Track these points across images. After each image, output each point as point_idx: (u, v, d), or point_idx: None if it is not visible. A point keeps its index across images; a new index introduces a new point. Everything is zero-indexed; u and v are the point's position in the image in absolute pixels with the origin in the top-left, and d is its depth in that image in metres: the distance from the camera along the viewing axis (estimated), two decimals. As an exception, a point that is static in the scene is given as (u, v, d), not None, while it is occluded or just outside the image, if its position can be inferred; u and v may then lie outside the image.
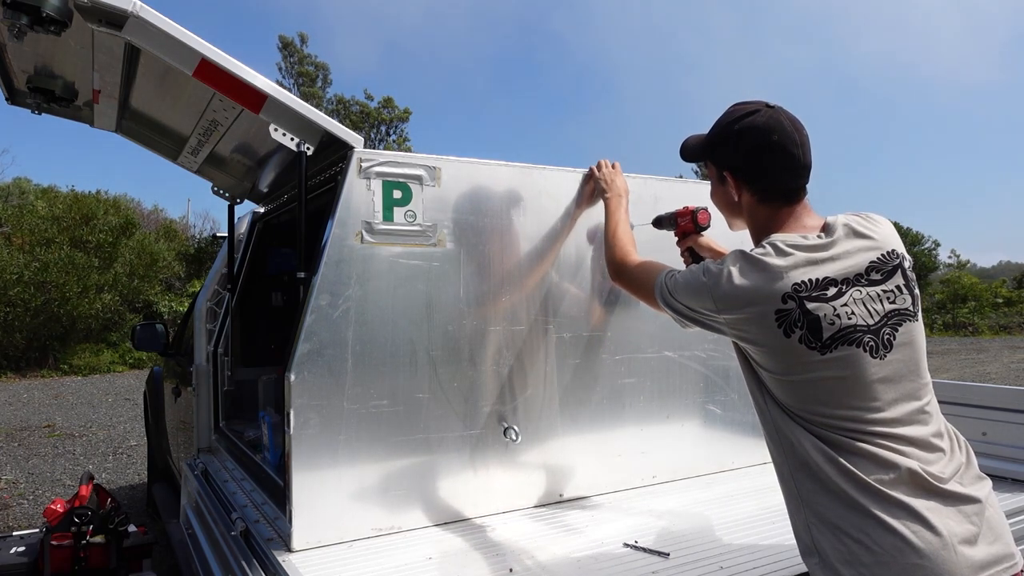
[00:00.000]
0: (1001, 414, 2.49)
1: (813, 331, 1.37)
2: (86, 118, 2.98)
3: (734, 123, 1.54)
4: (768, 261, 1.41)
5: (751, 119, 1.52)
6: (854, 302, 1.40)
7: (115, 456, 7.35)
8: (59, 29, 1.89)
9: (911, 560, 1.26)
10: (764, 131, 1.50)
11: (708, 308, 1.50)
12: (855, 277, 1.41)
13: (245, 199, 3.50)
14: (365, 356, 2.02)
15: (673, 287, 1.60)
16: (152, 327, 4.52)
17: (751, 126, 1.51)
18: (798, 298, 1.38)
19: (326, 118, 2.06)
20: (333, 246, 1.98)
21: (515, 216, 2.25)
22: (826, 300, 1.38)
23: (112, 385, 12.93)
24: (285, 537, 1.97)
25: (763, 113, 1.51)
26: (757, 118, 1.51)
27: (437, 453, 2.12)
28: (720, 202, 1.67)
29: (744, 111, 1.54)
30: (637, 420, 2.47)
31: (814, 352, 1.37)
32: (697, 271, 1.52)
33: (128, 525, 3.73)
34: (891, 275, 1.44)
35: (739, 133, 1.53)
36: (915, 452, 1.34)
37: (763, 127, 1.50)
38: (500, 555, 1.89)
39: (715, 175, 1.63)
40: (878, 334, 1.39)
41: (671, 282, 1.61)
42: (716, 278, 1.46)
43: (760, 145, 1.50)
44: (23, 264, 14.35)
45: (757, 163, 1.52)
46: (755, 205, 1.55)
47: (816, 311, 1.37)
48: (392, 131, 26.60)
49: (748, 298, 1.41)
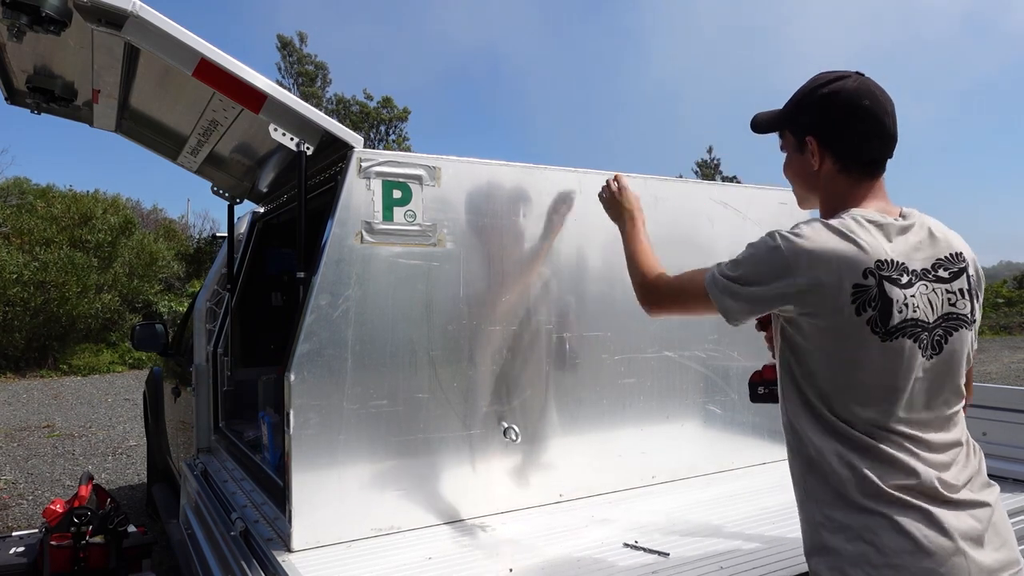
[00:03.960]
0: (1001, 414, 2.49)
1: (884, 314, 1.31)
2: (85, 118, 2.98)
3: (822, 87, 1.47)
4: (851, 232, 1.33)
5: (841, 83, 1.45)
6: (920, 295, 1.35)
7: (115, 456, 7.35)
8: (59, 29, 1.88)
9: (922, 564, 1.25)
10: (855, 95, 1.43)
11: (780, 275, 1.35)
12: (923, 271, 1.37)
13: (245, 199, 3.49)
14: (365, 356, 2.02)
15: (733, 267, 1.44)
16: (152, 327, 4.51)
17: (841, 90, 1.44)
18: (878, 276, 1.31)
19: (326, 118, 2.06)
20: (333, 246, 1.98)
21: (515, 216, 2.25)
22: (900, 286, 1.33)
23: (112, 385, 12.93)
24: (285, 537, 1.97)
25: (853, 79, 1.45)
26: (847, 83, 1.45)
27: (437, 453, 2.12)
28: (796, 174, 1.55)
29: (833, 76, 1.47)
30: (637, 420, 2.46)
31: (876, 337, 1.31)
32: (761, 241, 1.40)
33: (128, 525, 3.72)
34: (956, 277, 1.40)
35: (827, 96, 1.45)
36: (933, 458, 1.32)
37: (854, 91, 1.43)
38: (500, 555, 1.89)
39: (793, 144, 1.53)
40: (932, 334, 1.35)
41: (727, 266, 1.46)
42: (793, 241, 1.34)
43: (850, 109, 1.43)
44: (22, 264, 14.33)
45: (844, 128, 1.44)
46: (835, 175, 1.46)
47: (891, 294, 1.31)
48: (392, 131, 26.59)
49: (829, 265, 1.31)
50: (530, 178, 2.28)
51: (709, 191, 2.65)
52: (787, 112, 1.54)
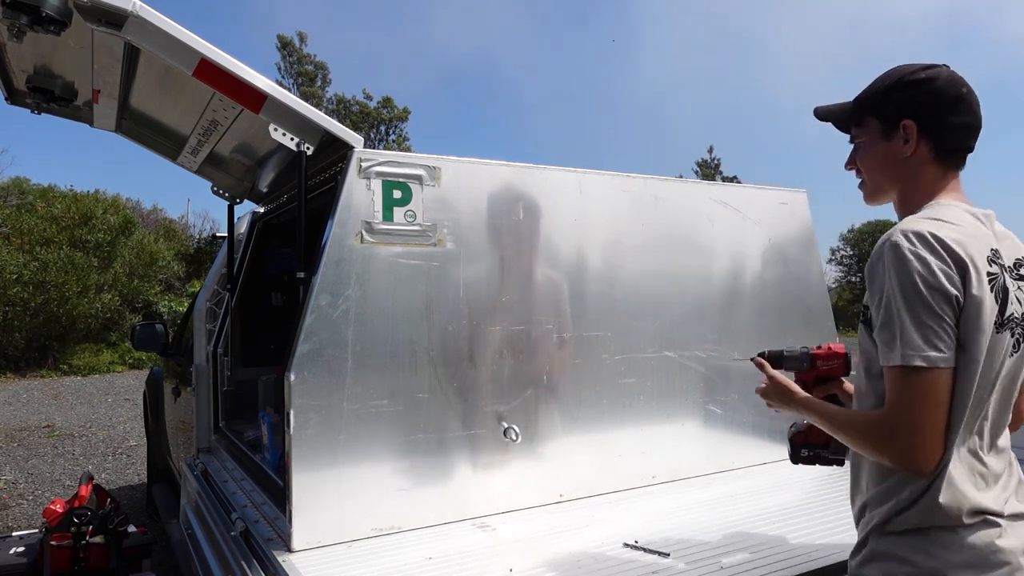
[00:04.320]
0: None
1: (1003, 304, 1.27)
2: (86, 118, 2.98)
3: (917, 72, 1.42)
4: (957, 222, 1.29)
5: (936, 71, 1.41)
6: (1016, 289, 1.31)
7: (115, 456, 7.35)
8: (59, 29, 1.88)
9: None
10: (956, 82, 1.40)
11: (951, 283, 1.22)
12: (1010, 267, 1.33)
13: (245, 199, 3.49)
14: (365, 356, 2.01)
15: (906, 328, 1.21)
16: (152, 327, 4.51)
17: (938, 76, 1.40)
18: (999, 263, 1.29)
19: (326, 118, 2.06)
20: (333, 246, 1.98)
21: (515, 216, 2.24)
22: (1011, 276, 1.30)
23: (112, 385, 12.92)
24: (285, 537, 1.97)
25: (946, 68, 1.42)
26: (943, 71, 1.41)
27: (437, 453, 2.12)
28: (879, 163, 1.44)
29: (923, 65, 1.43)
30: (637, 420, 2.46)
31: (994, 327, 1.26)
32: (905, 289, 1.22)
33: (128, 525, 3.72)
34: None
35: (928, 80, 1.39)
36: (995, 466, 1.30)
37: (953, 79, 1.40)
38: (500, 555, 1.89)
39: (879, 131, 1.43)
40: (1015, 331, 1.31)
41: (904, 332, 1.21)
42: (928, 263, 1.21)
43: (954, 94, 1.39)
44: (22, 264, 14.33)
45: (949, 112, 1.38)
46: (927, 163, 1.39)
47: (1008, 284, 1.29)
48: (392, 131, 26.59)
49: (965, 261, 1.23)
50: (530, 178, 2.28)
51: (709, 191, 2.65)
52: (873, 98, 1.46)
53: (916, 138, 1.39)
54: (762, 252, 2.71)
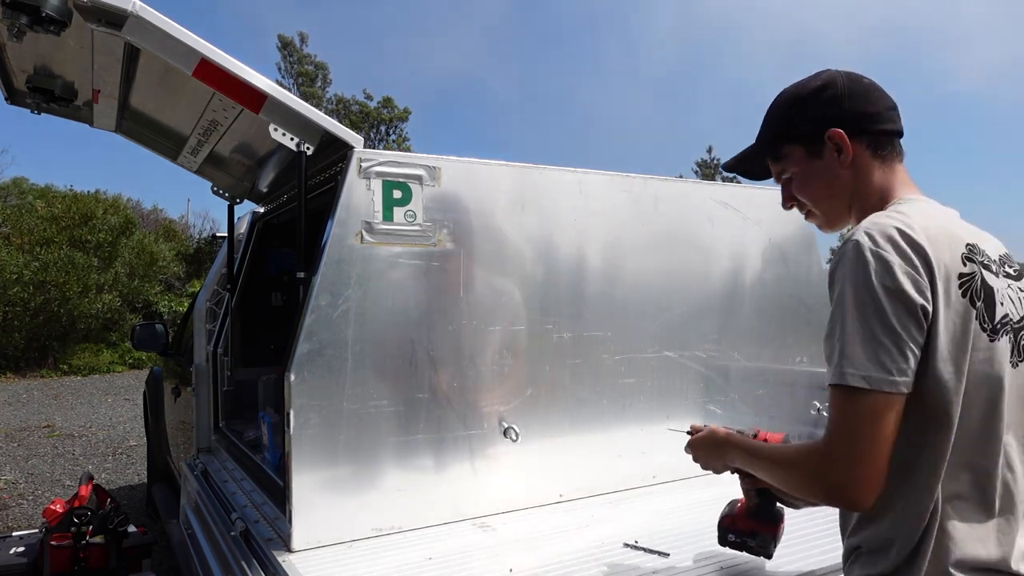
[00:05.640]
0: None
1: (988, 306, 1.12)
2: (85, 118, 2.98)
3: (811, 83, 1.32)
4: (927, 216, 1.16)
5: (828, 75, 1.31)
6: (1007, 287, 1.18)
7: (115, 456, 7.35)
8: (59, 29, 1.88)
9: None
10: (852, 76, 1.30)
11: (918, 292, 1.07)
12: (996, 260, 1.20)
13: (245, 199, 3.49)
14: (365, 356, 2.01)
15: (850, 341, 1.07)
16: (152, 327, 4.52)
17: (835, 77, 1.30)
18: (976, 260, 1.14)
19: (326, 118, 2.06)
20: (333, 246, 1.98)
21: (515, 216, 2.24)
22: (993, 274, 1.16)
23: (112, 385, 12.92)
24: (285, 537, 1.97)
25: (834, 70, 1.32)
26: (833, 73, 1.31)
27: (437, 453, 2.12)
28: (821, 185, 1.31)
29: (810, 77, 1.33)
30: (637, 420, 2.46)
31: (984, 334, 1.11)
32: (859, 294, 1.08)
33: (128, 525, 3.72)
34: (1021, 275, 1.24)
35: (828, 84, 1.29)
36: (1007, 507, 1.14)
37: (848, 74, 1.30)
38: (500, 555, 1.89)
39: (804, 154, 1.31)
40: (1018, 336, 1.17)
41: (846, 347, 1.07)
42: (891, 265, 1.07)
43: (859, 87, 1.29)
44: (22, 264, 14.33)
45: (864, 103, 1.27)
46: (870, 161, 1.27)
47: (991, 283, 1.14)
48: (392, 131, 26.59)
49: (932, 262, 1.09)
50: (530, 178, 2.28)
51: (709, 191, 2.65)
52: (784, 126, 1.34)
53: (847, 143, 1.27)
54: (762, 252, 2.71)
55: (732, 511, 1.71)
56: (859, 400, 1.05)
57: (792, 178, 1.35)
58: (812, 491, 1.15)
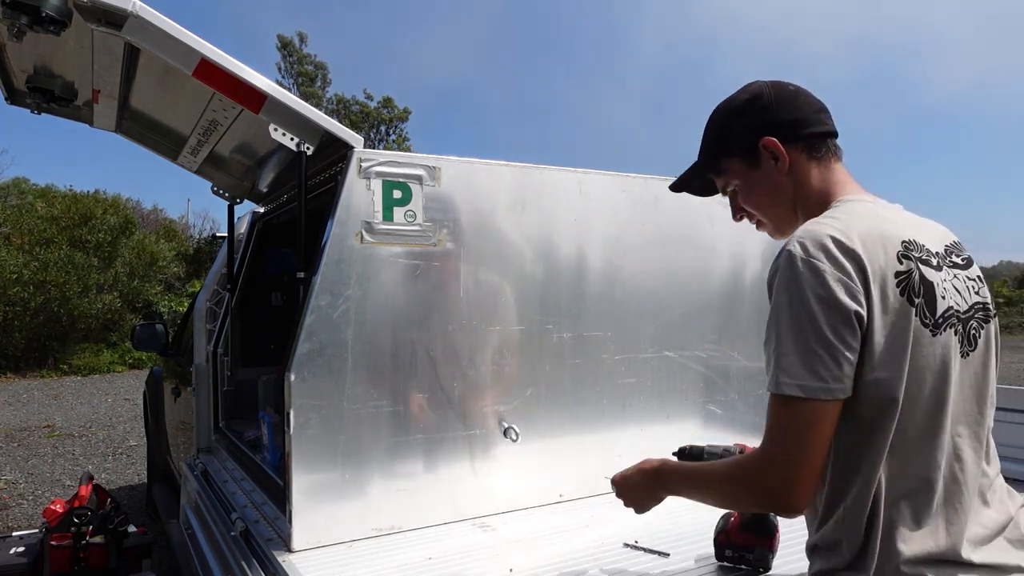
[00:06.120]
0: (1001, 414, 2.49)
1: (929, 302, 1.13)
2: (85, 118, 2.98)
3: (739, 97, 1.35)
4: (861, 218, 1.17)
5: (755, 85, 1.34)
6: (952, 279, 1.19)
7: (115, 456, 7.35)
8: (59, 29, 1.88)
9: None
10: (777, 84, 1.33)
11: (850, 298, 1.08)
12: (940, 255, 1.21)
13: (245, 199, 3.49)
14: (365, 356, 2.01)
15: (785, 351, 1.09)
16: (152, 327, 4.51)
17: (761, 88, 1.33)
18: (913, 257, 1.14)
19: (326, 118, 2.06)
20: (333, 246, 1.98)
21: (515, 216, 2.24)
22: (934, 267, 1.16)
23: (112, 385, 12.92)
24: (285, 537, 1.97)
25: (759, 81, 1.36)
26: (759, 83, 1.34)
27: (437, 453, 2.12)
28: (763, 193, 1.34)
29: (739, 91, 1.36)
30: (637, 420, 2.46)
31: (927, 330, 1.12)
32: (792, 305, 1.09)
33: (128, 525, 3.72)
34: (970, 264, 1.26)
35: (756, 95, 1.32)
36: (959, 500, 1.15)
37: (773, 82, 1.34)
38: (500, 555, 1.89)
39: (744, 165, 1.34)
40: (967, 326, 1.18)
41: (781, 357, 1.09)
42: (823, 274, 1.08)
43: (785, 94, 1.32)
44: (22, 264, 14.33)
45: (792, 109, 1.30)
46: (806, 164, 1.29)
47: (930, 277, 1.14)
48: (392, 131, 26.59)
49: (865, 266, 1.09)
50: (530, 178, 2.28)
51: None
52: (720, 140, 1.38)
53: (782, 149, 1.29)
54: (762, 252, 2.71)
55: (726, 526, 1.72)
56: (794, 408, 1.08)
57: (736, 190, 1.39)
58: (749, 497, 1.20)
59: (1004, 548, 1.17)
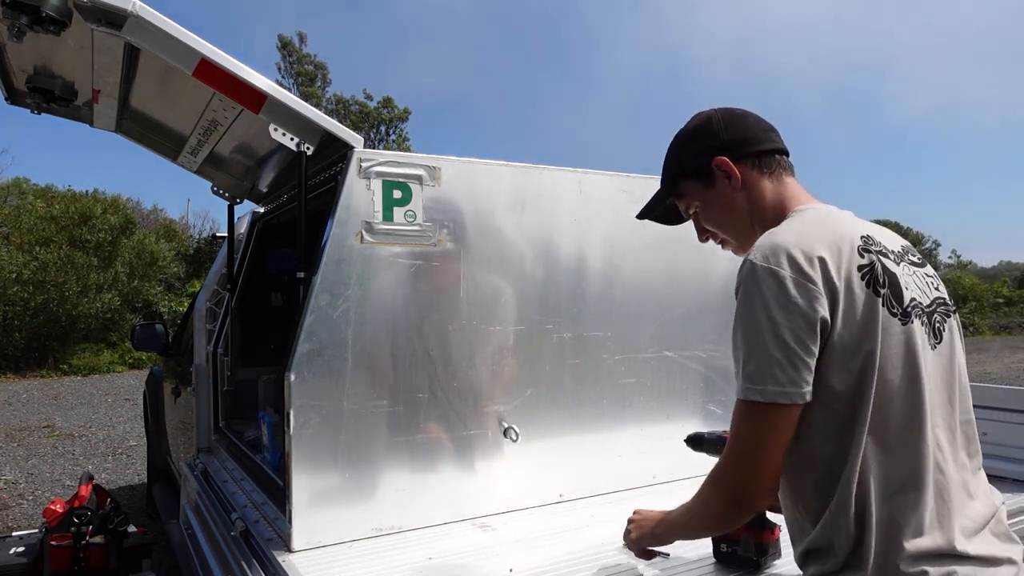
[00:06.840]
0: (1001, 414, 2.49)
1: (895, 291, 1.16)
2: (85, 118, 2.98)
3: (690, 124, 1.45)
4: (817, 223, 1.22)
5: (704, 113, 1.44)
6: (911, 274, 1.23)
7: (115, 456, 7.35)
8: (59, 29, 1.88)
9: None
10: (726, 109, 1.43)
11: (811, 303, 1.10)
12: (897, 253, 1.25)
13: (245, 199, 3.49)
14: (365, 356, 2.01)
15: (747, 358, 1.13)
16: (152, 327, 4.51)
17: (709, 114, 1.43)
18: (873, 251, 1.19)
19: (326, 118, 2.06)
20: (333, 246, 1.98)
21: (515, 216, 2.24)
22: (893, 262, 1.21)
23: (112, 385, 12.92)
24: (285, 537, 1.97)
25: (709, 109, 1.45)
26: (709, 110, 1.44)
27: (437, 453, 2.12)
28: (721, 211, 1.42)
29: (692, 117, 1.46)
30: (637, 420, 2.47)
31: (895, 319, 1.14)
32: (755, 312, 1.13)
33: (128, 525, 3.72)
34: (925, 264, 1.30)
35: (706, 120, 1.41)
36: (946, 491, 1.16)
37: (721, 108, 1.43)
38: (500, 555, 1.89)
39: (700, 186, 1.42)
40: (931, 319, 1.21)
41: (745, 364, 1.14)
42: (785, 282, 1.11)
43: (732, 116, 1.40)
44: (22, 264, 14.33)
45: (740, 129, 1.38)
46: (758, 180, 1.36)
47: (892, 269, 1.19)
48: (392, 131, 26.59)
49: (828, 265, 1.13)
50: (530, 178, 2.28)
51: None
52: (677, 165, 1.46)
53: (734, 168, 1.36)
54: (762, 252, 2.71)
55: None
56: (756, 412, 1.13)
57: (697, 211, 1.46)
58: (720, 499, 1.25)
59: (991, 541, 1.18)
